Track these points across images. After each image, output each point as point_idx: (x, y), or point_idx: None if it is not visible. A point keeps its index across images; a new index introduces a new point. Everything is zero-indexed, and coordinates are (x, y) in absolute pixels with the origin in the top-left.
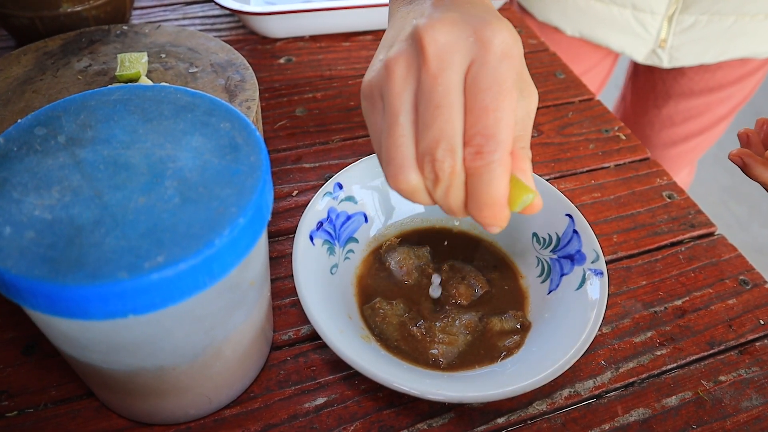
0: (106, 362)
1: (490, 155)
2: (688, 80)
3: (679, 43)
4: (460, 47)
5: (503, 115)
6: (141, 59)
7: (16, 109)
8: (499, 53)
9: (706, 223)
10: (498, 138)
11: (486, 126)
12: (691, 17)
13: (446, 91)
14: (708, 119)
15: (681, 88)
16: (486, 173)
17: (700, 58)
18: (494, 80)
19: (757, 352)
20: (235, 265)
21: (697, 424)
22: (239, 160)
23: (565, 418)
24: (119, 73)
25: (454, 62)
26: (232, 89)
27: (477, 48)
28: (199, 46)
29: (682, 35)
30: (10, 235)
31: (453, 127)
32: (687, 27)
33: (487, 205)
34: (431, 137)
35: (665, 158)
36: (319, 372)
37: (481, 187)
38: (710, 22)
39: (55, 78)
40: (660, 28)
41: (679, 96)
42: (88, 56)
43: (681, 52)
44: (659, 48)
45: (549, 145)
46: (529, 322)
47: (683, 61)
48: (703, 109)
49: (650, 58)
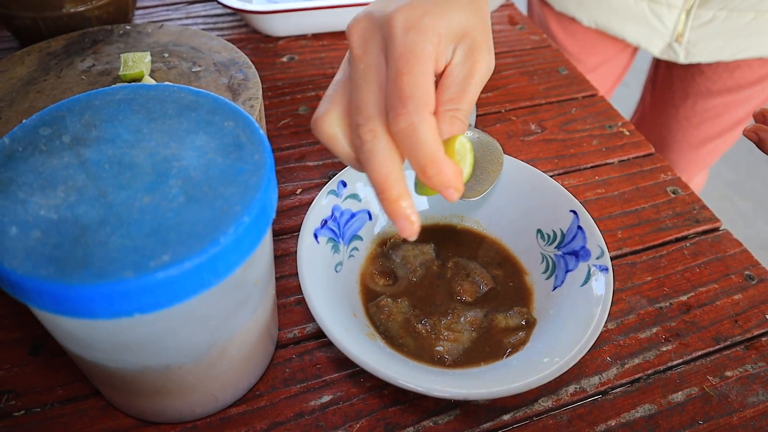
0: (112, 361)
1: (408, 116)
2: (705, 79)
3: (696, 38)
4: (375, 33)
5: (414, 78)
6: (144, 59)
7: (20, 109)
8: (402, 27)
9: (711, 219)
10: (413, 98)
11: (400, 89)
12: (709, 12)
13: (365, 69)
14: (725, 121)
15: (698, 87)
16: (408, 134)
17: (717, 55)
18: (403, 49)
19: (764, 347)
20: (240, 263)
21: (704, 420)
22: (243, 159)
23: (570, 414)
24: (122, 73)
25: (371, 45)
26: (235, 88)
27: (386, 28)
28: (202, 45)
29: (700, 30)
30: (16, 235)
31: (367, 98)
32: (705, 22)
33: (422, 165)
34: (353, 108)
35: (680, 163)
36: (325, 370)
37: (410, 148)
38: (728, 18)
39: (59, 78)
40: (677, 22)
41: (697, 95)
42: (91, 56)
43: (698, 48)
44: (676, 42)
45: (552, 142)
46: (534, 319)
47: (699, 57)
48: (721, 111)
49: (666, 53)
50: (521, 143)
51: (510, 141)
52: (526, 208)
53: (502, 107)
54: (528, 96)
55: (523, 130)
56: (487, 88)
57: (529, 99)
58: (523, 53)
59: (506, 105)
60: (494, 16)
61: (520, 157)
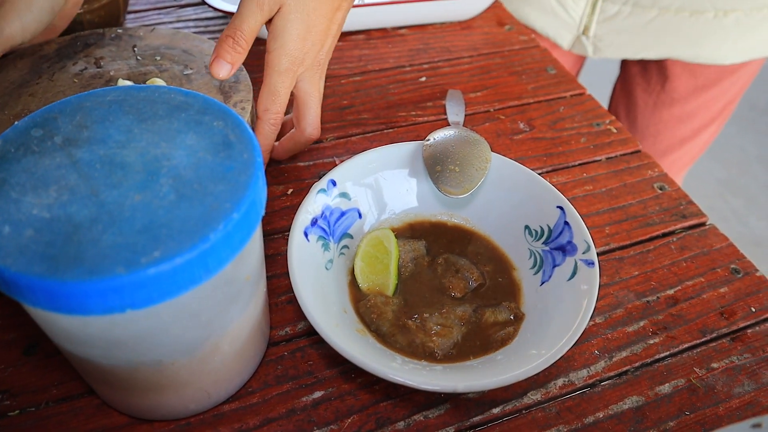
0: (105, 358)
1: None
2: (670, 82)
3: (602, 33)
4: None
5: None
6: None
7: (13, 112)
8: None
9: (698, 214)
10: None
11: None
12: (614, 6)
13: None
14: (689, 127)
15: (666, 92)
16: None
17: (623, 51)
18: None
19: (749, 339)
20: (230, 259)
21: (690, 411)
22: (233, 157)
23: (559, 407)
24: None
25: None
26: (226, 90)
27: None
28: (194, 48)
29: (606, 24)
30: (9, 234)
31: None
32: (610, 16)
33: None
34: None
35: None
36: (316, 366)
37: None
38: (633, 13)
39: (51, 81)
40: (583, 15)
41: (664, 102)
42: (83, 59)
43: (604, 43)
44: (583, 35)
45: (541, 140)
46: (522, 313)
47: (607, 53)
48: (682, 117)
49: (576, 46)
50: (510, 142)
51: (499, 140)
52: (514, 205)
53: (491, 106)
54: (516, 95)
55: (512, 129)
56: (476, 87)
57: (517, 98)
58: (512, 53)
59: (495, 104)
60: (483, 17)
61: (509, 155)
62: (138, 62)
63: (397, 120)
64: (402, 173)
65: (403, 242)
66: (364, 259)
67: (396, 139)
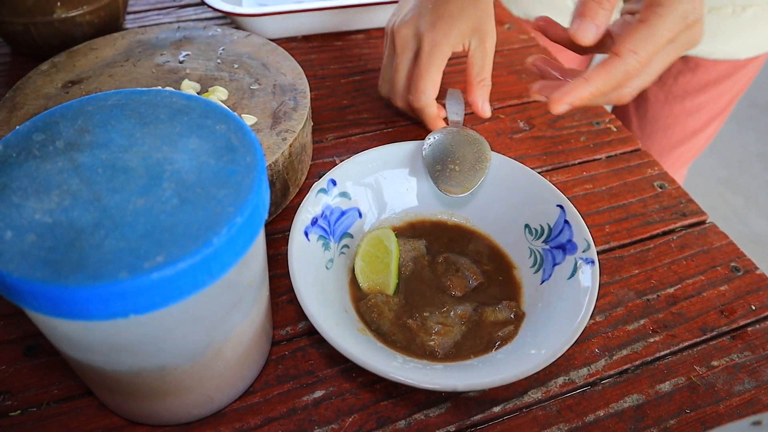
0: (108, 363)
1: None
2: (683, 77)
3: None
4: (411, 42)
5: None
6: None
7: (89, 88)
8: (428, 45)
9: (698, 212)
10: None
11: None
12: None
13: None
14: (698, 120)
15: (678, 86)
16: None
17: None
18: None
19: (749, 337)
20: (234, 263)
21: (691, 409)
22: (235, 161)
23: (560, 405)
24: None
25: (407, 50)
26: (279, 116)
27: (418, 43)
28: (273, 63)
29: None
30: (11, 239)
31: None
32: None
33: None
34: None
35: None
36: (317, 366)
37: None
38: None
39: (134, 67)
40: None
41: (677, 96)
42: (171, 51)
43: None
44: None
45: (541, 139)
46: (522, 312)
47: None
48: (692, 110)
49: None
50: (510, 141)
51: (499, 138)
52: (514, 204)
53: (491, 105)
54: (516, 94)
55: (512, 128)
56: None
57: (517, 97)
58: (512, 52)
59: (495, 103)
60: None
61: (509, 154)
62: (216, 66)
63: (397, 120)
64: (402, 172)
65: (404, 241)
66: (365, 259)
67: (396, 138)
